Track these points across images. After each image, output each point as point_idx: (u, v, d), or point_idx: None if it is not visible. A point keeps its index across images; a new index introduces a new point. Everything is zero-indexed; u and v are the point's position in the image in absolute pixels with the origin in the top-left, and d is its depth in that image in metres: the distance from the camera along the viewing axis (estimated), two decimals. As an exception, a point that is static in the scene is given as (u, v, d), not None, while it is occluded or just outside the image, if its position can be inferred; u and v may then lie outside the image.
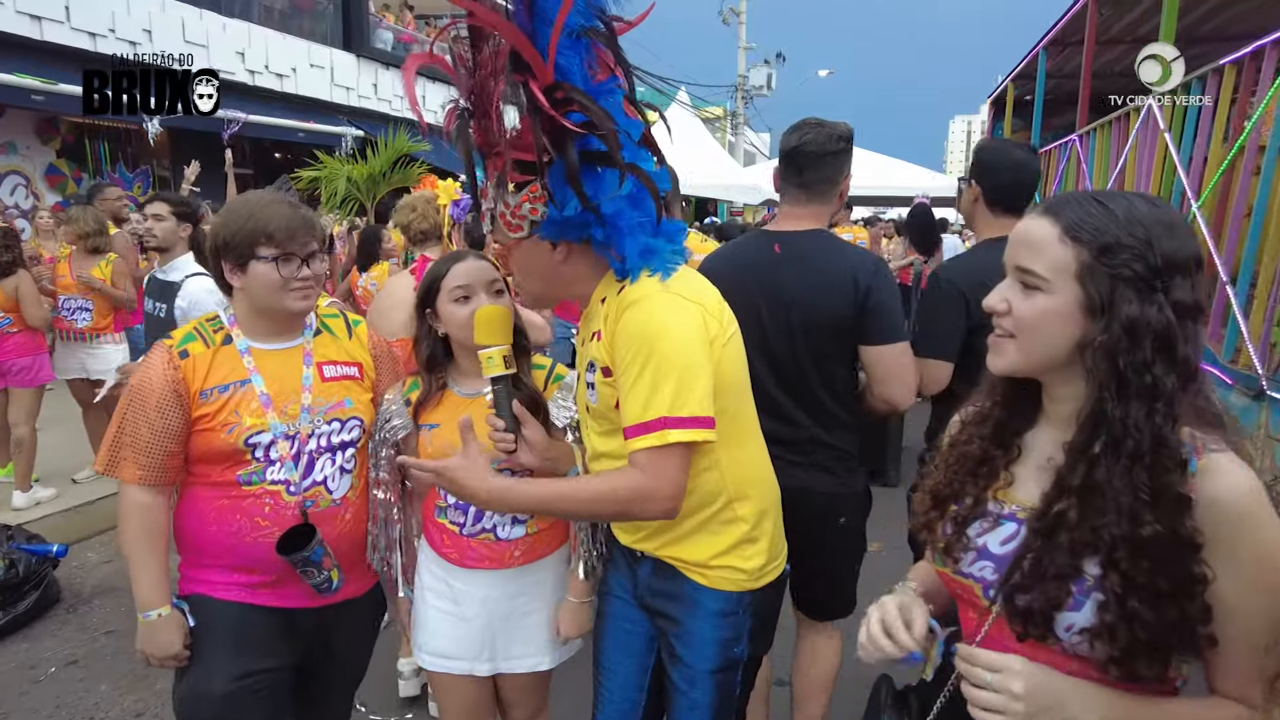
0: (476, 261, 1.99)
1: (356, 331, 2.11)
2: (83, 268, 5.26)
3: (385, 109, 16.12)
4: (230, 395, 1.85)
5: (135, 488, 1.85)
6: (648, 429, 1.46)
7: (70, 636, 3.84)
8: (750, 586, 1.68)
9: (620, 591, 1.86)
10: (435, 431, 2.00)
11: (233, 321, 1.93)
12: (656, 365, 1.46)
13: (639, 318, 1.49)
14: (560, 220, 1.51)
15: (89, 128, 11.43)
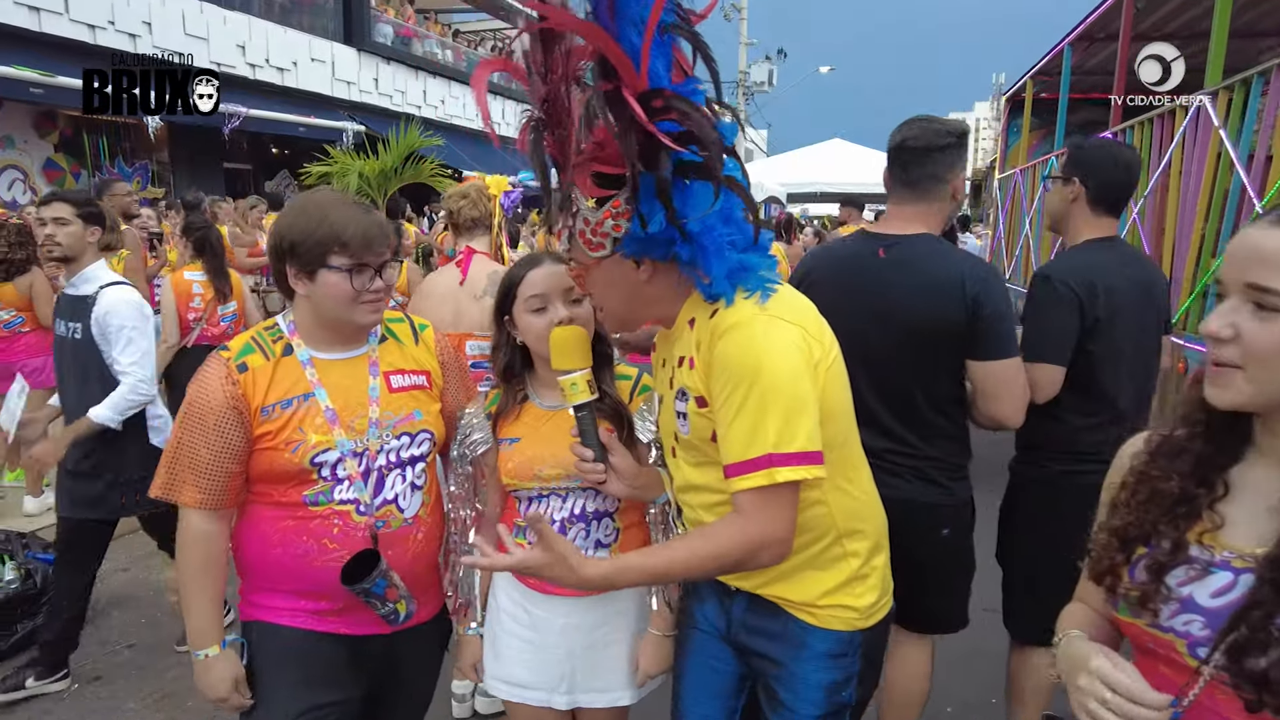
0: (554, 267, 1.84)
1: (423, 337, 1.97)
2: (94, 265, 5.09)
3: (386, 104, 15.98)
4: (293, 411, 1.71)
5: (197, 513, 1.72)
6: (753, 467, 1.34)
7: (90, 650, 3.68)
8: (861, 625, 1.57)
9: (706, 626, 1.73)
10: (517, 446, 1.87)
11: (293, 329, 1.79)
12: (759, 397, 1.34)
13: (737, 345, 1.37)
14: (644, 237, 1.39)
15: (87, 121, 11.24)
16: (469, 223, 3.19)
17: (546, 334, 1.77)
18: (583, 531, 1.85)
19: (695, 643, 1.74)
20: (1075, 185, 2.42)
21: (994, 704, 3.20)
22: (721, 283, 1.42)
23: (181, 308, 4.52)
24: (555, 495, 1.86)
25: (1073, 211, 2.45)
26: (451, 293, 3.05)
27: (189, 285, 4.54)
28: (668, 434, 1.65)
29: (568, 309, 1.80)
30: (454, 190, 3.27)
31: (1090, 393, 2.35)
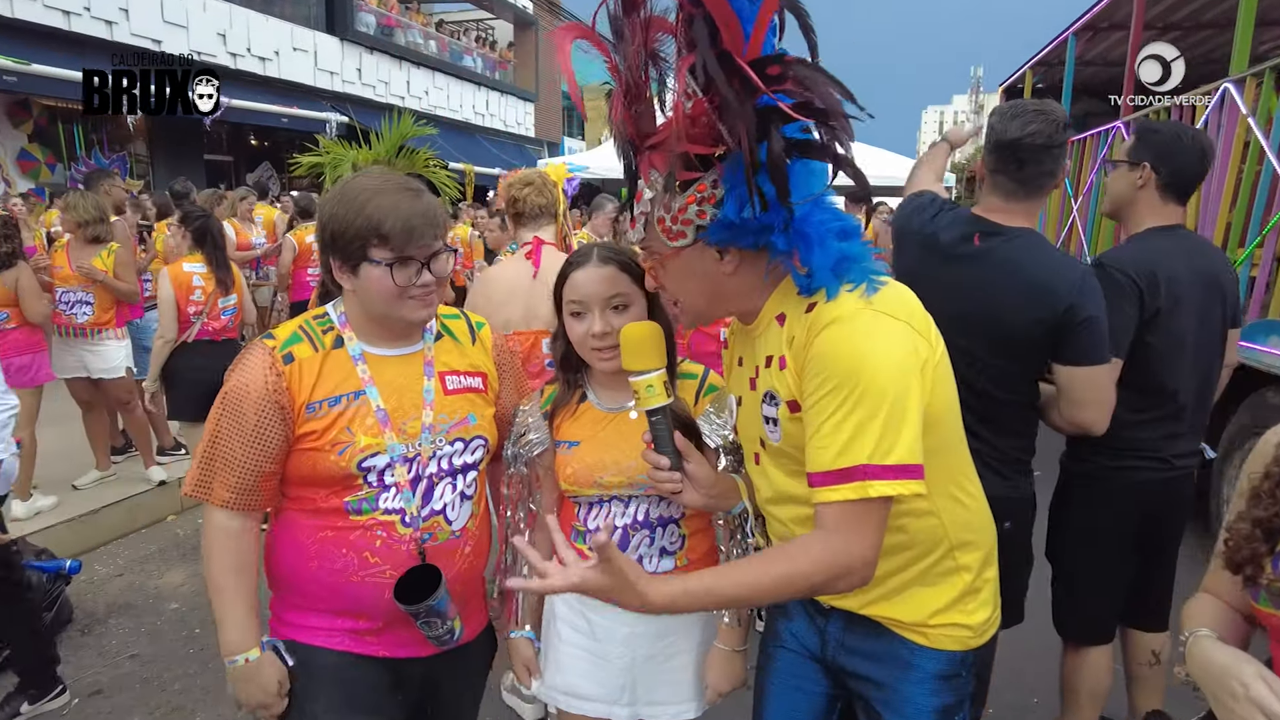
0: (598, 270, 1.70)
1: (480, 336, 1.83)
2: (82, 258, 4.88)
3: (369, 94, 15.71)
4: (342, 409, 1.57)
5: (222, 512, 1.57)
6: (844, 478, 1.21)
7: (90, 663, 3.51)
8: (975, 644, 1.46)
9: (794, 645, 1.61)
10: (576, 451, 1.75)
11: (344, 321, 1.64)
12: (858, 400, 1.21)
13: (837, 342, 1.24)
14: (733, 224, 1.26)
15: (63, 111, 10.90)
16: (535, 211, 3.00)
17: (585, 342, 1.68)
18: (647, 538, 1.74)
19: (781, 662, 1.62)
20: (1145, 170, 2.32)
21: (1035, 704, 3.13)
22: (825, 275, 1.29)
23: (181, 301, 4.33)
24: (616, 500, 1.75)
25: (1139, 198, 2.35)
26: (522, 288, 2.85)
27: (189, 277, 4.35)
28: (750, 440, 1.53)
29: (605, 320, 1.67)
30: (516, 178, 3.08)
31: (1146, 387, 2.28)
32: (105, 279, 4.86)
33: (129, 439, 5.66)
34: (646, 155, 1.31)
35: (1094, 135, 6.33)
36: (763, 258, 1.33)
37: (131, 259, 5.18)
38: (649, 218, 1.36)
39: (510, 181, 3.08)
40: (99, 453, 5.22)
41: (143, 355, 5.36)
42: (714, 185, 1.26)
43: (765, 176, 1.21)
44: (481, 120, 20.15)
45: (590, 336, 1.67)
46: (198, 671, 3.40)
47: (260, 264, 7.97)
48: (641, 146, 1.30)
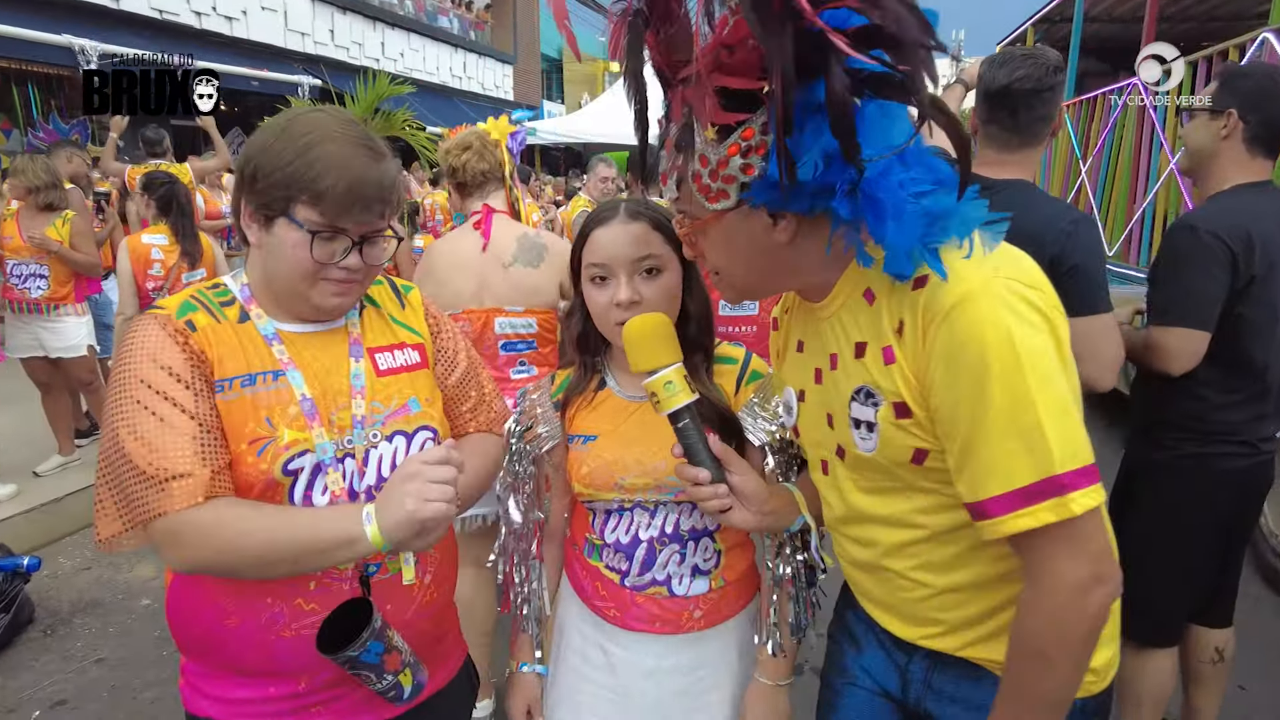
0: (624, 226, 1.42)
1: (409, 299, 1.51)
2: (35, 227, 4.52)
3: (343, 56, 15.15)
4: (258, 393, 1.23)
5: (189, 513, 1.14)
6: (1033, 497, 0.97)
7: (53, 668, 3.23)
8: (1096, 689, 1.21)
9: (865, 681, 1.37)
10: (593, 447, 1.48)
11: (248, 295, 1.31)
12: (1025, 395, 0.96)
13: (981, 324, 0.98)
14: (787, 183, 0.98)
15: (15, 72, 10.30)
16: (478, 178, 2.70)
17: (608, 313, 1.40)
18: (676, 555, 1.48)
19: (850, 699, 1.38)
20: (1230, 119, 2.08)
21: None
22: (901, 258, 1.01)
23: (139, 275, 4.00)
24: (640, 509, 1.48)
25: (1223, 150, 2.11)
26: (472, 261, 2.59)
27: (147, 250, 4.02)
28: (816, 445, 1.27)
29: (633, 286, 1.39)
30: (451, 143, 2.75)
31: (1236, 364, 2.06)
32: (60, 250, 4.51)
33: (94, 421, 5.33)
34: (679, 91, 1.03)
35: (1104, 94, 6.07)
36: (825, 224, 1.05)
37: (89, 228, 4.81)
38: (683, 173, 1.08)
39: (447, 148, 2.75)
40: (61, 436, 4.90)
41: (104, 333, 5.02)
42: (762, 131, 0.98)
43: (820, 125, 0.93)
44: (459, 83, 19.58)
45: (614, 307, 1.39)
46: (173, 676, 3.12)
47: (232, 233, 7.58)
48: (674, 79, 1.02)
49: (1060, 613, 1.00)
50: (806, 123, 0.94)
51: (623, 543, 1.49)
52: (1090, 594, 0.99)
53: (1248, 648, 2.42)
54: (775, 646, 1.48)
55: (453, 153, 2.72)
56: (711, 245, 1.14)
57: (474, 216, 2.68)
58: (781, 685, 1.49)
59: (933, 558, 1.15)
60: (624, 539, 1.49)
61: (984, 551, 1.12)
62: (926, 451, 1.08)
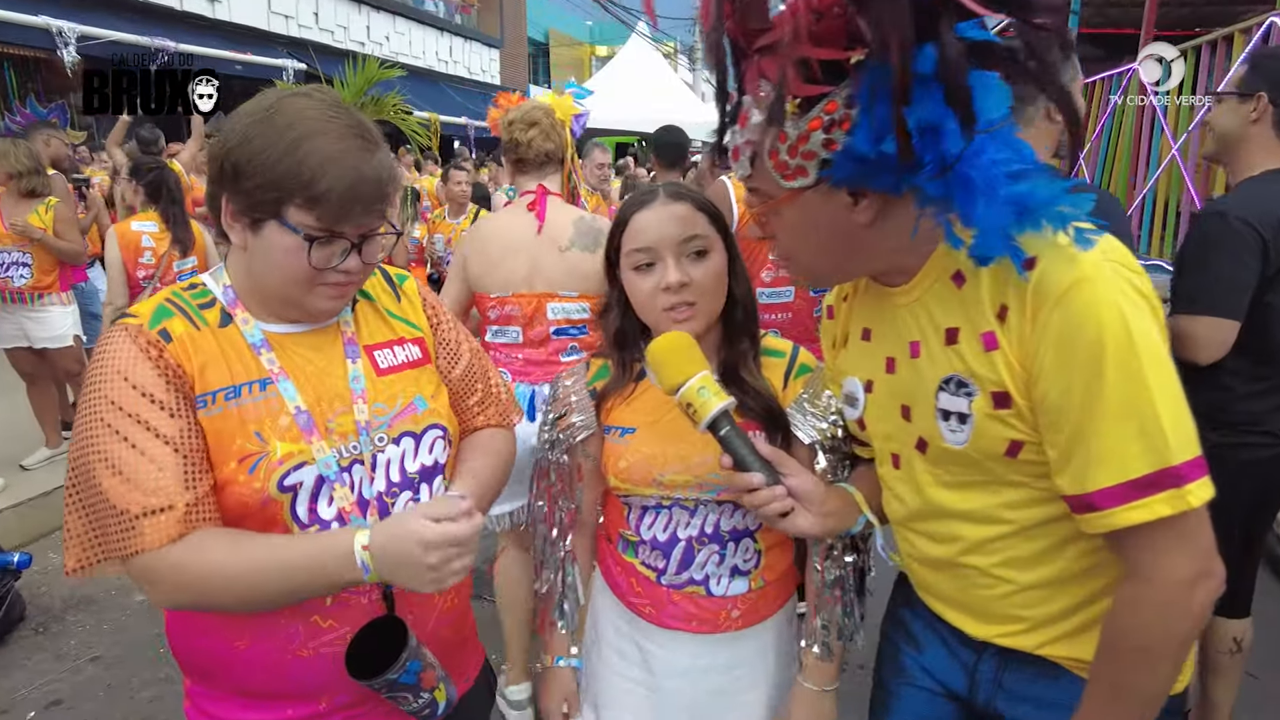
0: (668, 207, 1.37)
1: (405, 291, 1.40)
2: (17, 214, 4.39)
3: (328, 40, 14.92)
4: (245, 406, 1.14)
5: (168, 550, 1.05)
6: (1152, 487, 0.93)
7: (46, 667, 3.16)
8: (1178, 689, 1.17)
9: (925, 681, 1.33)
10: (631, 440, 1.43)
11: (233, 297, 1.21)
12: (1142, 384, 0.93)
13: (1098, 308, 0.94)
14: (867, 158, 0.94)
15: (-8, 55, 10.05)
16: (540, 157, 2.57)
17: (655, 299, 1.35)
18: (715, 555, 1.43)
19: (908, 701, 1.35)
20: (1260, 102, 2.04)
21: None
22: (996, 239, 0.96)
23: (129, 263, 3.90)
24: (679, 507, 1.43)
25: (1251, 135, 2.08)
26: (525, 243, 2.48)
27: (137, 238, 3.91)
28: (888, 438, 1.22)
29: (681, 269, 1.34)
30: (516, 115, 2.59)
31: (1264, 354, 2.03)
32: (44, 237, 4.39)
33: (81, 413, 5.22)
34: (755, 61, 0.97)
35: (1105, 78, 6.04)
36: (909, 204, 1.00)
37: (74, 215, 4.69)
38: (757, 149, 1.03)
39: (511, 119, 2.58)
40: (48, 429, 4.78)
41: (90, 322, 4.91)
42: (847, 104, 0.94)
43: (930, 96, 0.87)
44: (445, 67, 19.33)
45: (662, 291, 1.34)
46: (173, 676, 3.06)
47: (215, 221, 7.45)
48: (749, 49, 0.97)
49: (1167, 609, 0.97)
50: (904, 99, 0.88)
51: (660, 540, 1.44)
52: (1197, 590, 0.96)
53: (1258, 637, 2.40)
54: (824, 649, 1.44)
55: (517, 126, 2.57)
56: (785, 227, 1.09)
57: (527, 196, 2.57)
58: (828, 690, 1.44)
59: (1017, 553, 1.11)
60: (661, 536, 1.44)
61: (1071, 546, 1.09)
62: (1022, 444, 1.04)
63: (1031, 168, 0.99)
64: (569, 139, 2.66)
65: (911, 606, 1.36)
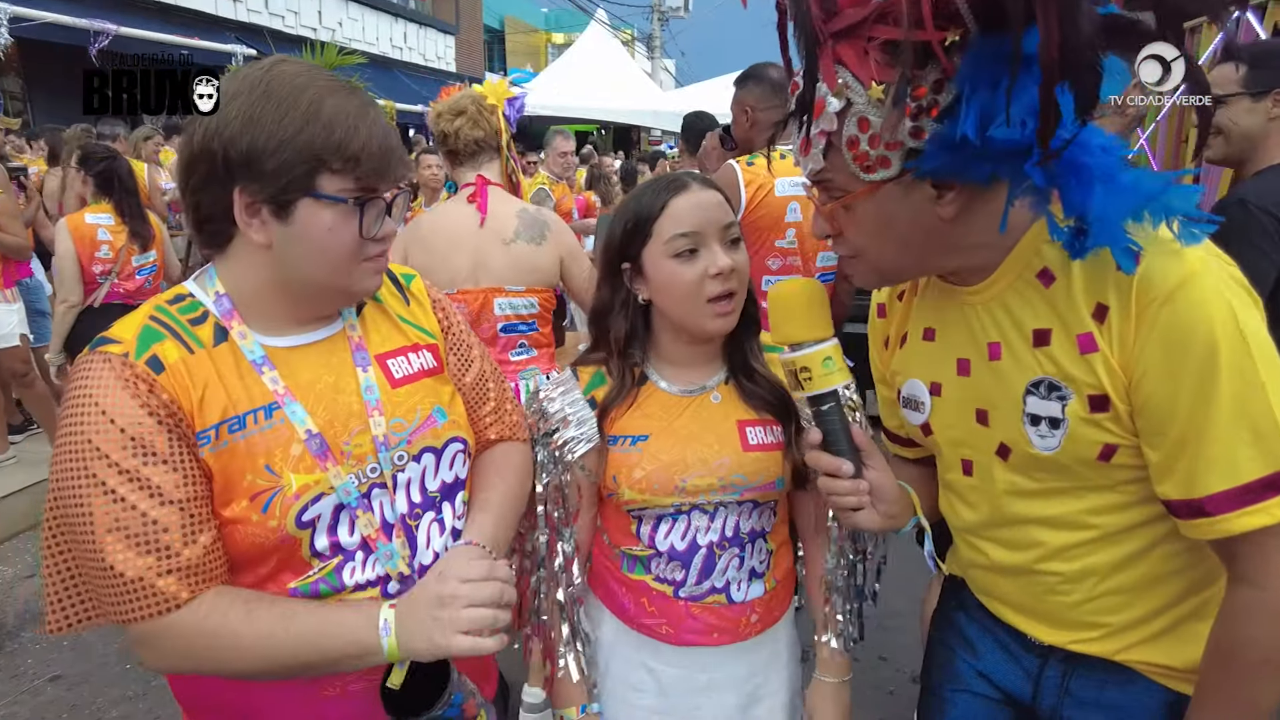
0: (705, 192, 1.33)
1: (413, 292, 1.29)
2: (-45, 208, 4.14)
3: (278, 25, 14.52)
4: (251, 437, 1.04)
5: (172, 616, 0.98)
6: (1268, 491, 0.90)
7: (3, 689, 2.98)
8: None
9: (982, 687, 1.29)
10: (647, 448, 1.36)
11: (228, 307, 1.09)
12: (1258, 381, 0.91)
13: (1210, 307, 0.91)
14: (966, 146, 0.88)
15: (-83, 38, 9.52)
16: (470, 146, 2.49)
17: (697, 289, 1.28)
18: (736, 559, 1.38)
19: (962, 709, 1.31)
20: (1276, 99, 2.07)
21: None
22: (1112, 230, 0.92)
23: (85, 258, 3.70)
24: (699, 511, 1.37)
25: (1273, 130, 2.10)
26: (467, 237, 2.40)
27: (92, 230, 3.70)
28: (959, 444, 1.18)
29: (728, 254, 1.30)
30: (443, 106, 2.53)
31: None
32: (-14, 232, 4.14)
33: (27, 415, 4.98)
34: (831, 46, 0.92)
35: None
36: (997, 197, 0.95)
37: (15, 207, 4.44)
38: (833, 139, 0.96)
39: (439, 111, 2.53)
40: (-4, 431, 4.54)
41: (37, 319, 4.67)
42: (936, 90, 0.88)
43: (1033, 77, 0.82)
44: (399, 54, 18.94)
45: (710, 279, 1.28)
46: (139, 693, 2.92)
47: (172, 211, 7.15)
48: (825, 33, 0.91)
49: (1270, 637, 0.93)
50: (1004, 76, 0.83)
51: (678, 549, 1.37)
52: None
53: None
54: (839, 641, 1.42)
55: (444, 117, 2.50)
56: (858, 222, 1.02)
57: (467, 188, 2.49)
58: (845, 681, 1.44)
59: (1101, 559, 1.08)
60: (680, 545, 1.37)
61: (1155, 550, 1.06)
62: (1116, 448, 1.00)
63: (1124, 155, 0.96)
64: (503, 124, 2.56)
65: (966, 610, 1.33)
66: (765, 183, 2.80)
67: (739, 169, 2.83)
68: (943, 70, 0.87)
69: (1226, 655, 0.99)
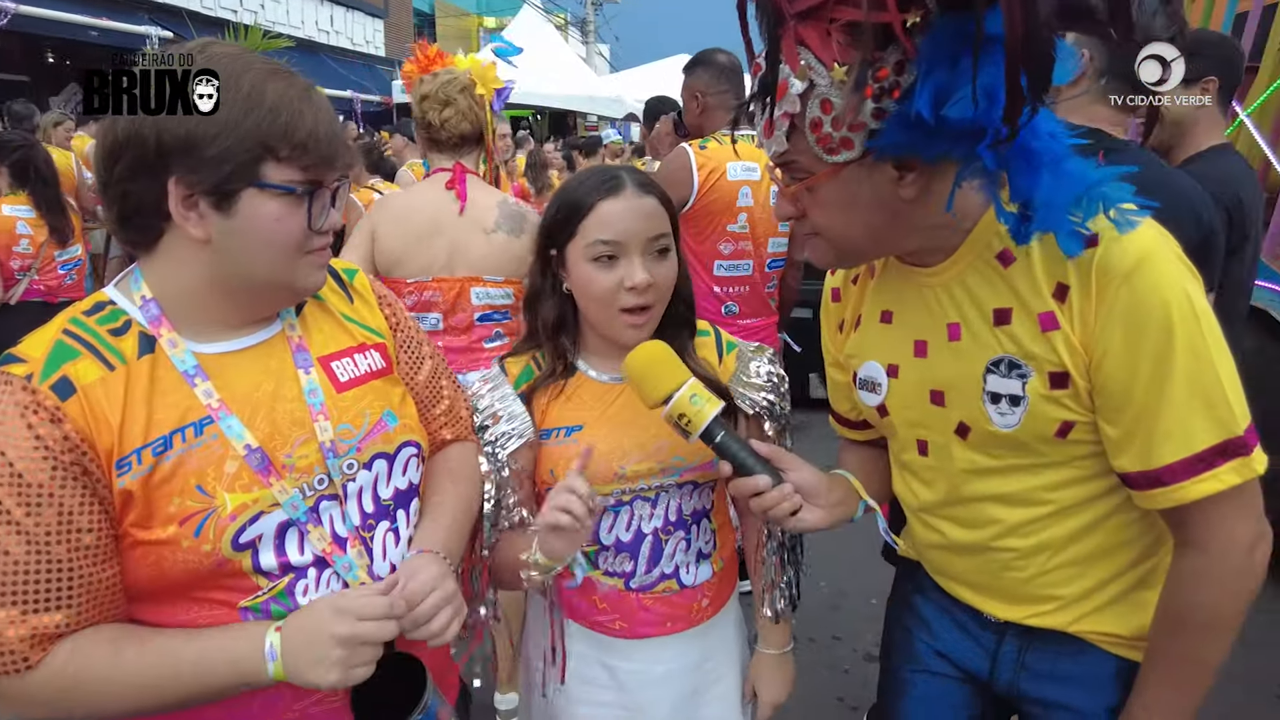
0: (640, 199, 1.30)
1: (357, 288, 1.23)
2: None
3: (195, 6, 13.89)
4: (180, 457, 0.97)
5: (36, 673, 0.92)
6: (1220, 458, 0.96)
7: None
8: None
9: (940, 666, 1.33)
10: (582, 437, 1.35)
11: (156, 313, 1.02)
12: (1207, 356, 0.96)
13: (1164, 287, 0.96)
14: (923, 125, 0.90)
15: None
16: (456, 140, 2.40)
17: (611, 298, 1.27)
18: (683, 542, 1.40)
19: (923, 686, 1.34)
20: (1211, 85, 2.15)
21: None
22: (1056, 215, 0.95)
23: (1, 251, 3.48)
24: (640, 499, 1.37)
25: (1203, 116, 2.18)
26: (447, 223, 2.34)
27: (10, 223, 3.51)
28: (915, 425, 1.20)
29: (646, 269, 1.28)
30: (431, 89, 2.37)
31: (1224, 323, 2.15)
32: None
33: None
34: (793, 27, 0.92)
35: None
36: (948, 176, 0.97)
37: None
38: (797, 121, 0.97)
39: (425, 93, 2.38)
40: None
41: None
42: (898, 71, 0.89)
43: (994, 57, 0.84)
44: (326, 38, 18.37)
45: (624, 291, 1.27)
46: None
47: (95, 204, 6.80)
48: (787, 14, 0.92)
49: (1235, 577, 1.00)
50: (962, 57, 0.85)
51: (624, 541, 1.37)
52: (1256, 552, 1.00)
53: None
54: (780, 613, 1.47)
55: (431, 105, 2.38)
56: (821, 203, 1.03)
57: (442, 174, 2.41)
58: (786, 653, 1.49)
59: (1055, 534, 1.12)
60: (625, 536, 1.38)
61: (1107, 523, 1.11)
62: (1073, 424, 1.04)
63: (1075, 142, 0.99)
64: (489, 117, 2.48)
65: (922, 592, 1.37)
66: (718, 167, 2.82)
67: (692, 153, 2.84)
68: (904, 52, 0.88)
69: (1175, 619, 1.04)
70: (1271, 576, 2.80)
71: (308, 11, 17.59)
